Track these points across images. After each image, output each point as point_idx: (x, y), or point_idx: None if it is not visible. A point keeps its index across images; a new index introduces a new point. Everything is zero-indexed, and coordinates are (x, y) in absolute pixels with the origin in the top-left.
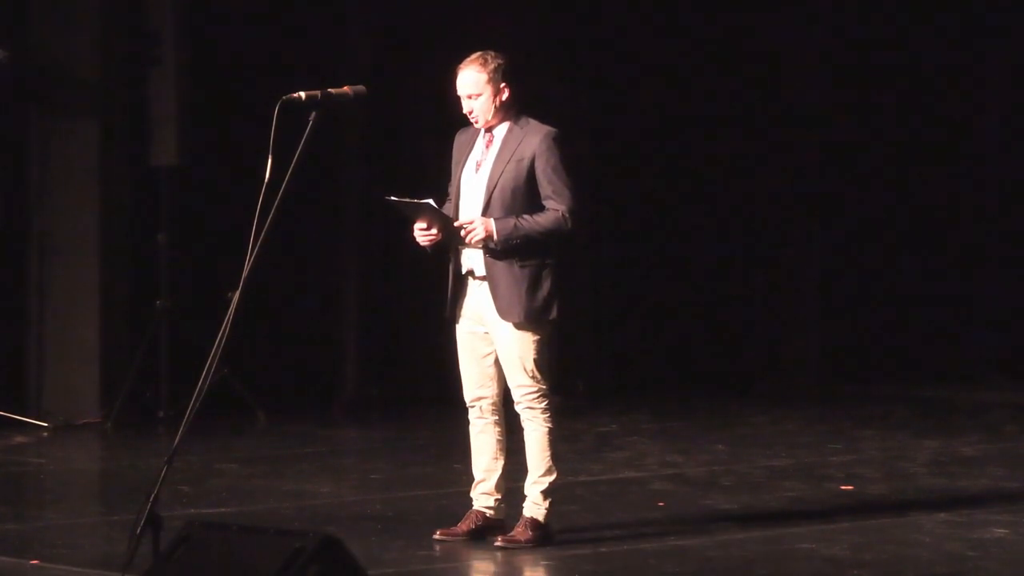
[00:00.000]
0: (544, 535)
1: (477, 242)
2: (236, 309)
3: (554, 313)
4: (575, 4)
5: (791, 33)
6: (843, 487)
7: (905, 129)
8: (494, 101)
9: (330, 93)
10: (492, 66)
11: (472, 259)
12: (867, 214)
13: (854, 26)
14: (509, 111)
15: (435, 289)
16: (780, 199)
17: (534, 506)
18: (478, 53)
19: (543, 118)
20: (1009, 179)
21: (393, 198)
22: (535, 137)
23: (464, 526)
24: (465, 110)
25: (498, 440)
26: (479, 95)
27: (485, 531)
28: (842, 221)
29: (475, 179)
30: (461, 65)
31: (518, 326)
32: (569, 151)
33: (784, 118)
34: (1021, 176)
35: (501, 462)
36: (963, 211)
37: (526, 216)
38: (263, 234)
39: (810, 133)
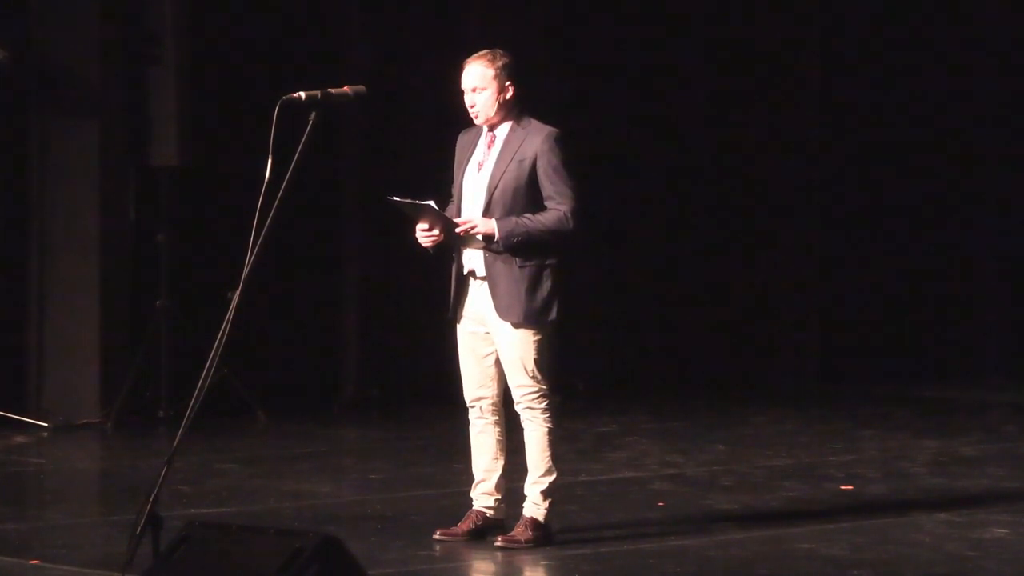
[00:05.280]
0: (544, 535)
1: (479, 241)
2: (236, 309)
3: (554, 313)
4: (575, 4)
5: (792, 31)
6: (843, 487)
7: (906, 129)
8: (498, 98)
9: (330, 93)
10: (500, 63)
11: (473, 260)
12: (867, 214)
13: (855, 24)
14: (511, 111)
15: (435, 289)
16: (780, 199)
17: (534, 506)
18: (486, 49)
19: (543, 118)
20: (1009, 179)
21: (395, 199)
22: (537, 137)
23: (464, 526)
24: (468, 103)
25: (498, 440)
26: (484, 89)
27: (485, 531)
28: (842, 220)
29: (477, 179)
30: (468, 59)
31: (518, 326)
32: (570, 151)
33: (785, 118)
34: (1021, 176)
35: (501, 462)
36: (964, 211)
37: (528, 216)
38: (263, 234)
39: (811, 133)
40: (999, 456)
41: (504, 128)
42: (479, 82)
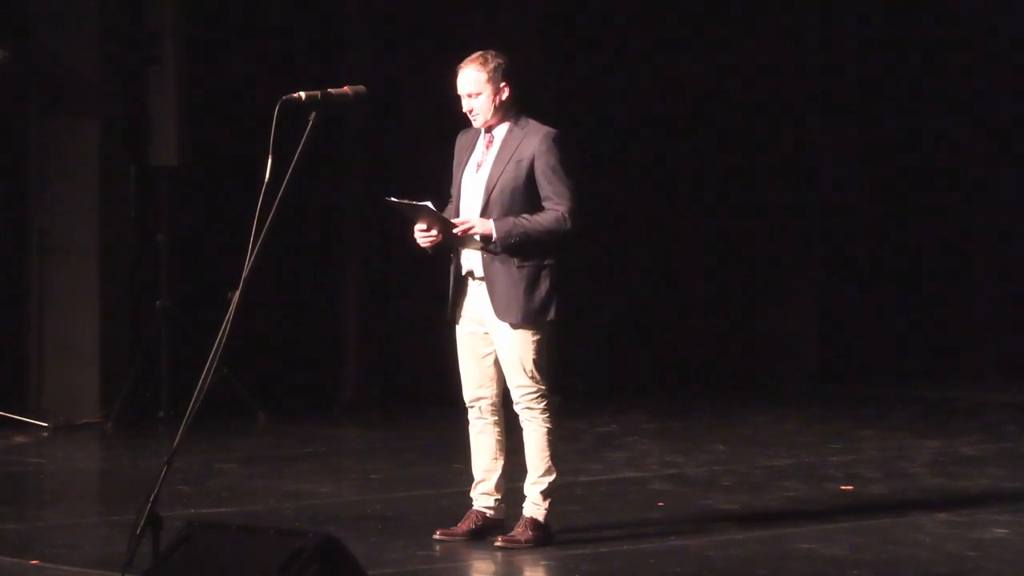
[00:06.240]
0: (544, 535)
1: (476, 242)
2: (236, 309)
3: (552, 314)
4: (575, 4)
5: (792, 31)
6: (843, 487)
7: (905, 130)
8: (493, 100)
9: (330, 93)
10: (492, 65)
11: (472, 260)
12: (867, 213)
13: (855, 23)
14: (509, 111)
15: (435, 289)
16: (780, 198)
17: (534, 506)
18: (479, 52)
19: (542, 118)
20: (1008, 179)
21: (393, 199)
22: (535, 138)
23: (464, 526)
24: (465, 109)
25: (498, 440)
26: (479, 94)
27: (485, 531)
28: (842, 221)
29: (475, 180)
30: (461, 64)
31: (516, 326)
32: (568, 151)
33: (785, 118)
34: (1020, 176)
35: (501, 462)
36: (963, 211)
37: (526, 216)
38: (263, 234)
39: (811, 132)
40: (999, 456)
41: (502, 128)
42: (473, 87)
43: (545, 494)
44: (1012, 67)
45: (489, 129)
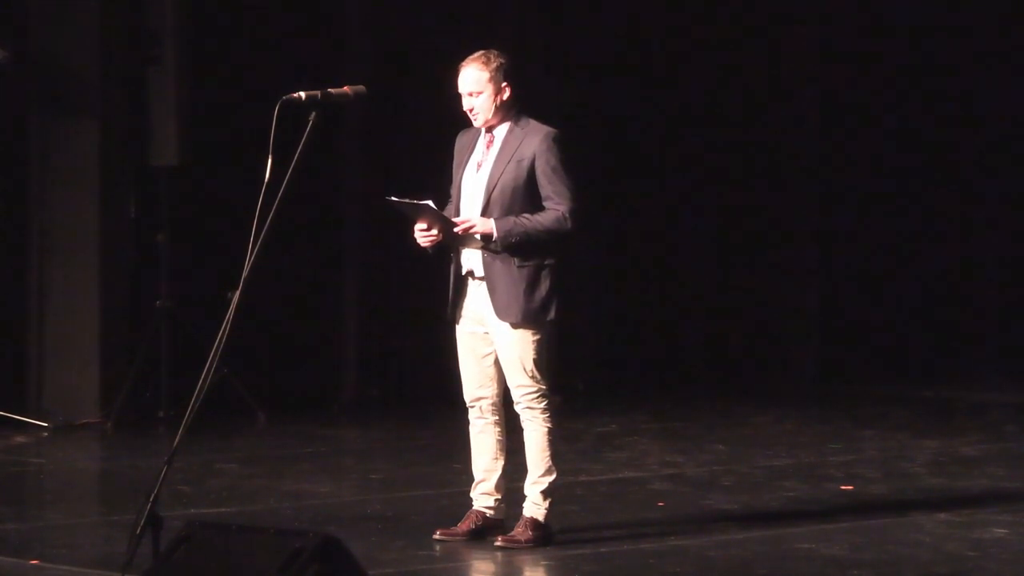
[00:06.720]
0: (544, 535)
1: (477, 241)
2: (236, 309)
3: (553, 313)
4: (576, 6)
5: (791, 31)
6: (843, 487)
7: (905, 130)
8: (495, 100)
9: (330, 93)
10: (494, 65)
11: (472, 260)
12: (868, 213)
13: (855, 22)
14: (509, 111)
15: (435, 289)
16: (780, 198)
17: (534, 506)
18: (480, 51)
19: (542, 118)
20: (1008, 179)
21: (393, 199)
22: (535, 137)
23: (464, 526)
24: (465, 107)
25: (498, 440)
26: (480, 93)
27: (485, 531)
28: (842, 220)
29: (476, 179)
30: (463, 63)
31: (516, 326)
32: (569, 151)
33: (784, 117)
34: (1020, 176)
35: (501, 462)
36: (963, 211)
37: (526, 215)
38: (263, 234)
39: (810, 132)
40: (999, 456)
41: (503, 128)
42: (475, 86)
43: (545, 494)
44: (1011, 65)
45: (489, 129)
